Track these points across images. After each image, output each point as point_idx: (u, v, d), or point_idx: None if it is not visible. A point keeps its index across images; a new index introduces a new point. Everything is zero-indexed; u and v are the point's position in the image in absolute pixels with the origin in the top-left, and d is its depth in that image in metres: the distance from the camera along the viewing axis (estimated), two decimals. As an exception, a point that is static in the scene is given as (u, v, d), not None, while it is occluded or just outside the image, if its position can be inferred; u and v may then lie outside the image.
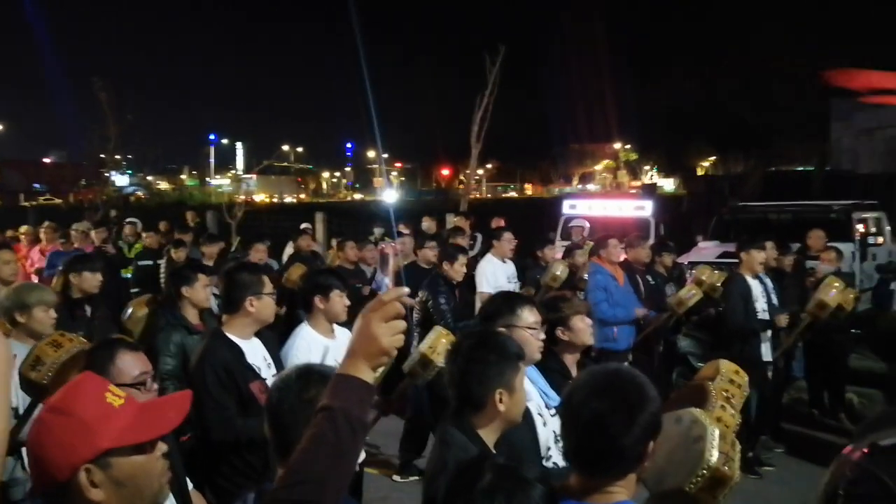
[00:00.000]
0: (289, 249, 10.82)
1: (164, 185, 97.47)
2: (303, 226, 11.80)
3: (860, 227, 11.17)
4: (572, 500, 1.77)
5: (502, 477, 1.50)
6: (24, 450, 3.05)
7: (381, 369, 3.52)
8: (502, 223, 11.27)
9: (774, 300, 6.38)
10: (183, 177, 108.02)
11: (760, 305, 6.25)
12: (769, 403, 6.30)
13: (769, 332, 6.27)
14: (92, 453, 1.39)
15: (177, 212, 20.27)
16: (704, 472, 2.19)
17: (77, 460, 1.38)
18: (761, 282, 6.38)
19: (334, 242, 10.60)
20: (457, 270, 6.29)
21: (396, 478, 5.92)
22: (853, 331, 8.07)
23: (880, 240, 11.54)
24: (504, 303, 3.07)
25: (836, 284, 6.04)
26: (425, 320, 5.94)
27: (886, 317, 8.92)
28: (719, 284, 6.75)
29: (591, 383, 1.82)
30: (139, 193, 65.02)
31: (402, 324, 1.46)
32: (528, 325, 2.96)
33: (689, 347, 8.43)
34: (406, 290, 1.49)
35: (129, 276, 10.05)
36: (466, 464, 1.61)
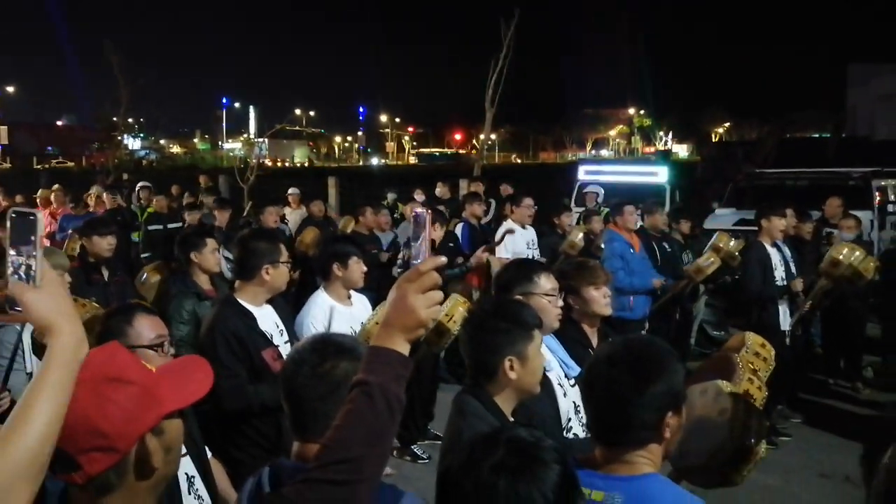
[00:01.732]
0: (293, 214, 10.77)
1: (176, 149, 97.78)
2: (290, 191, 11.66)
3: (879, 195, 10.99)
4: (595, 471, 1.73)
5: (513, 454, 1.43)
6: None
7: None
8: (510, 190, 11.17)
9: (793, 268, 6.29)
10: (195, 140, 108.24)
11: (779, 274, 6.16)
12: (786, 372, 6.24)
13: (787, 300, 6.19)
14: (156, 419, 1.36)
15: (189, 176, 20.32)
16: (728, 446, 2.14)
17: (143, 428, 1.34)
18: (780, 249, 6.28)
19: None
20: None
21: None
22: (870, 300, 7.98)
23: (900, 207, 11.35)
24: (520, 270, 3.01)
25: (850, 245, 5.98)
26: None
27: None
28: (737, 252, 6.65)
29: (609, 354, 1.79)
30: (150, 157, 65.13)
31: (440, 294, 1.40)
32: (545, 293, 2.89)
33: (706, 315, 8.37)
34: (443, 259, 1.42)
35: (137, 240, 10.01)
36: (482, 437, 1.55)
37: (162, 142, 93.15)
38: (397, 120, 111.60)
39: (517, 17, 17.68)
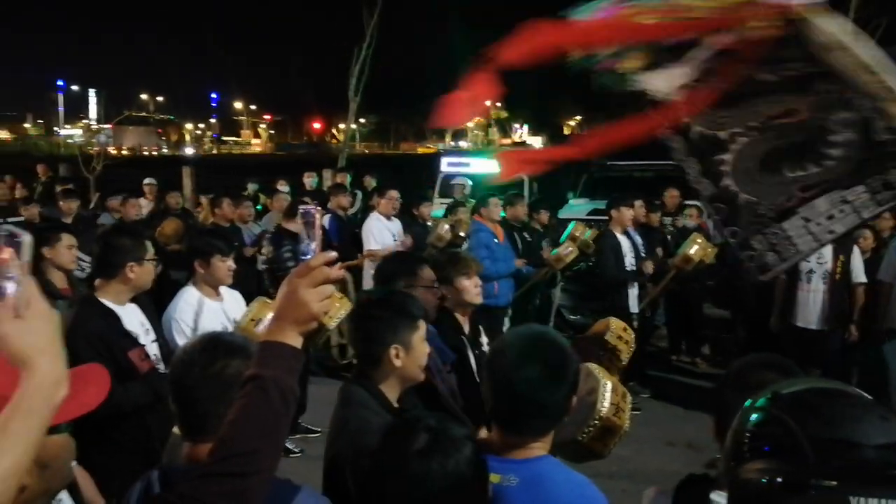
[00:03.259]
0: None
1: (2, 135, 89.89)
2: (146, 181, 11.14)
3: None
4: (494, 455, 1.83)
5: (437, 438, 1.53)
6: None
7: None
8: (374, 183, 11.21)
9: (643, 254, 6.76)
10: (26, 126, 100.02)
11: (629, 260, 6.62)
12: (636, 351, 6.69)
13: (636, 285, 6.65)
14: None
15: (20, 165, 18.72)
16: (596, 422, 2.32)
17: None
18: (629, 237, 6.73)
19: (203, 199, 10.16)
20: (299, 225, 6.22)
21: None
22: (708, 282, 8.69)
23: (732, 197, 12.39)
24: (403, 263, 3.10)
25: (700, 240, 6.51)
26: (273, 276, 5.93)
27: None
28: (591, 240, 7.07)
29: (518, 348, 1.87)
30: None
31: (331, 288, 1.43)
32: (427, 284, 3.00)
33: (563, 300, 8.79)
34: (334, 254, 1.46)
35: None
36: (397, 425, 1.64)
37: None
38: (253, 107, 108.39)
39: (380, 5, 17.65)
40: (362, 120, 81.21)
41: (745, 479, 1.03)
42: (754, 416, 1.11)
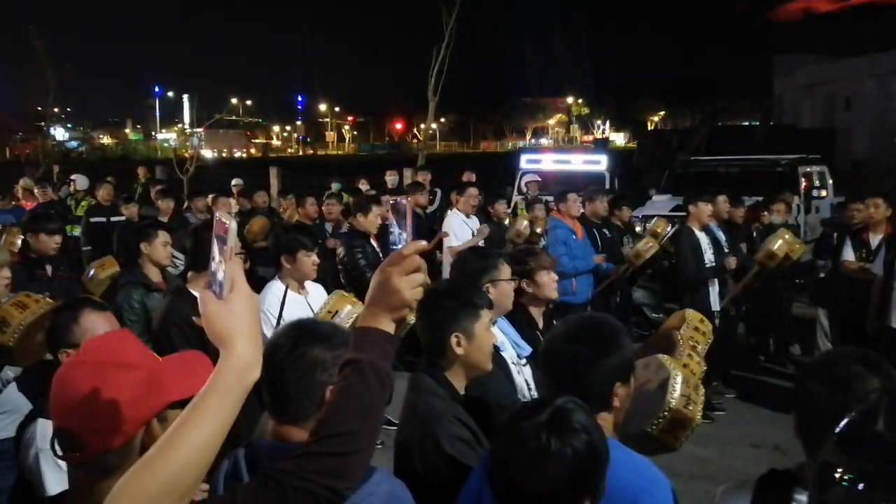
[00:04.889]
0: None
1: (106, 140, 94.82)
2: (234, 182, 11.55)
3: (805, 181, 11.54)
4: None
5: (557, 420, 1.58)
6: None
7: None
8: (473, 178, 11.28)
9: (726, 250, 6.56)
10: (126, 131, 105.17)
11: (708, 257, 6.41)
12: (719, 351, 6.52)
13: (717, 282, 6.45)
14: (161, 406, 1.39)
15: (121, 167, 19.75)
16: (666, 413, 2.31)
17: (149, 414, 1.38)
18: (708, 233, 6.51)
19: (281, 199, 10.47)
20: (370, 221, 6.24)
21: None
22: (797, 280, 8.39)
23: (823, 193, 11.93)
24: (486, 259, 3.13)
25: (787, 236, 6.28)
26: (348, 276, 5.92)
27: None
28: (669, 237, 6.92)
29: (567, 329, 1.98)
30: (80, 149, 62.81)
31: (422, 277, 1.48)
32: (508, 279, 3.05)
33: (644, 298, 8.66)
34: (424, 243, 1.51)
35: (75, 233, 9.76)
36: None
37: (90, 132, 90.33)
38: (337, 109, 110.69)
39: (458, 5, 17.75)
40: (442, 119, 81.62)
41: (826, 462, 1.01)
42: (869, 398, 1.08)
